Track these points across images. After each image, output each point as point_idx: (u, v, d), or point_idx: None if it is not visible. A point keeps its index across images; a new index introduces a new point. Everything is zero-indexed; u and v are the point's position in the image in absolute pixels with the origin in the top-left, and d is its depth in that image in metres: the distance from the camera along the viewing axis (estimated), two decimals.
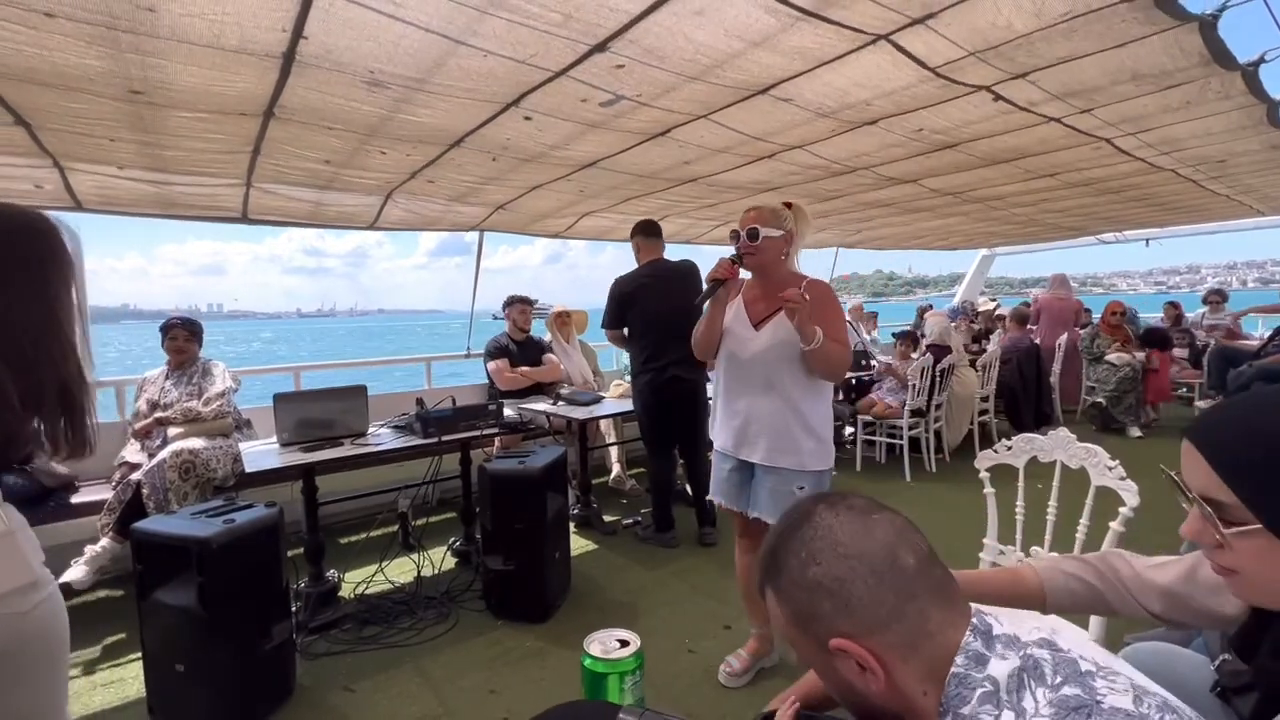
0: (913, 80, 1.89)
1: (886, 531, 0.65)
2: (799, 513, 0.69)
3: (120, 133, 2.18)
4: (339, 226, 3.78)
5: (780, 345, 1.91)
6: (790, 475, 1.94)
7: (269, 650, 2.08)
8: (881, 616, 0.61)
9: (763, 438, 1.97)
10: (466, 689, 2.20)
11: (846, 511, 0.67)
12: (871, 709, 0.65)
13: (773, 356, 1.93)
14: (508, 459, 2.77)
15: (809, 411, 1.95)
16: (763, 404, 1.96)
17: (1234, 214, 5.84)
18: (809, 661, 0.69)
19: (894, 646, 0.62)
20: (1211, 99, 2.20)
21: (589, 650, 0.60)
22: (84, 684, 2.29)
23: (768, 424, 1.96)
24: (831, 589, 0.63)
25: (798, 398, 1.93)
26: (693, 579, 3.02)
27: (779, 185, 3.48)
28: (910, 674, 0.62)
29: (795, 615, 0.66)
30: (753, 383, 1.98)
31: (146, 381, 3.21)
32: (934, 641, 0.62)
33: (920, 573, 0.64)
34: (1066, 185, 3.76)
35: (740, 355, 2.00)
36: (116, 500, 2.75)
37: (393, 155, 2.56)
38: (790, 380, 1.93)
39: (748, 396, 2.00)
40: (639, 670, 0.58)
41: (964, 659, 0.60)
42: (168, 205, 3.14)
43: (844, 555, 0.63)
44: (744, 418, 2.00)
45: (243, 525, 2.04)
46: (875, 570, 0.62)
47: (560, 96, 1.95)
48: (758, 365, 1.96)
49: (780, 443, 1.94)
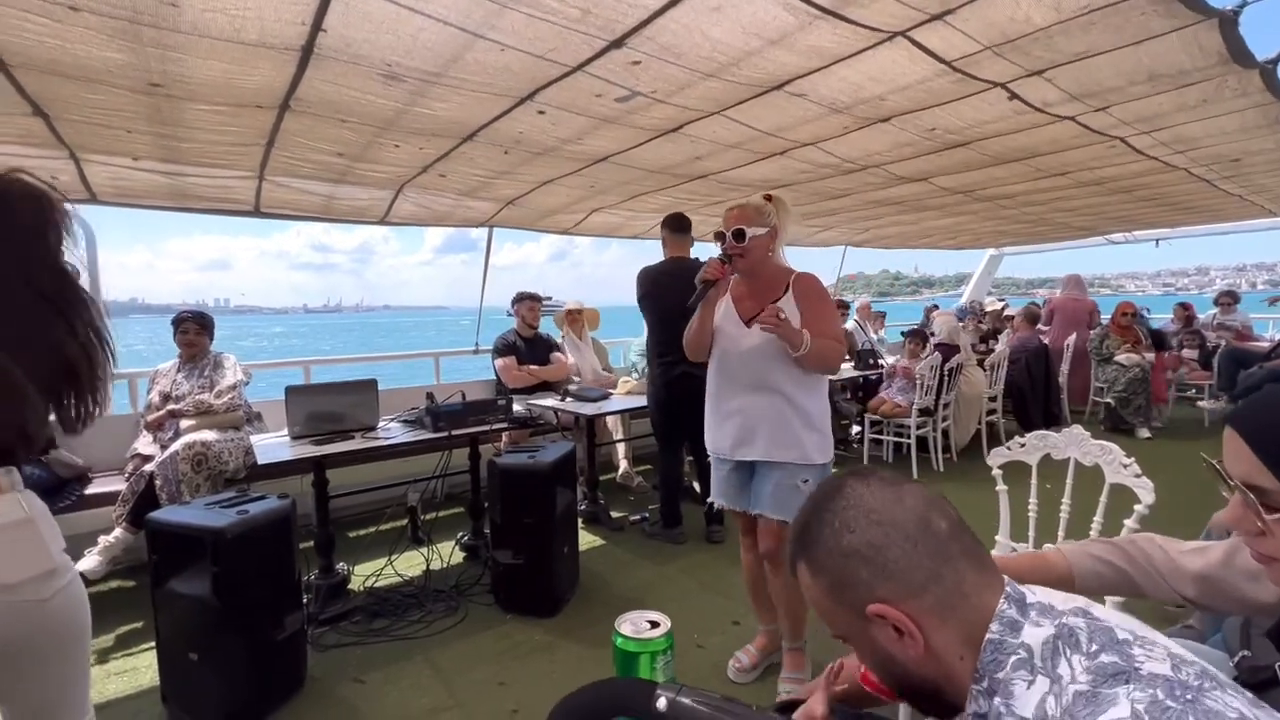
0: (928, 75, 1.89)
1: (917, 499, 0.66)
2: (829, 486, 0.70)
3: (137, 124, 2.19)
4: (350, 221, 3.80)
5: (773, 341, 1.89)
6: (794, 470, 1.93)
7: (281, 641, 2.09)
8: (919, 580, 0.62)
9: (761, 435, 1.95)
10: (476, 681, 2.21)
11: (877, 482, 0.68)
12: (909, 678, 0.66)
13: (768, 352, 1.91)
14: (517, 453, 2.78)
15: (806, 405, 1.94)
16: (759, 401, 1.95)
17: (1246, 214, 5.81)
18: (845, 634, 0.69)
19: (931, 610, 0.62)
20: (1228, 97, 2.19)
21: (620, 630, 0.61)
22: (98, 672, 2.31)
23: (765, 421, 1.94)
24: (867, 555, 0.63)
25: (794, 392, 1.92)
26: (700, 575, 3.02)
27: (789, 183, 3.47)
28: (947, 638, 0.62)
29: (831, 585, 0.66)
30: (747, 380, 1.97)
31: (158, 374, 3.23)
32: (969, 604, 0.62)
33: (953, 536, 0.64)
34: (1078, 184, 3.75)
35: (733, 353, 1.99)
36: (130, 491, 2.77)
37: (406, 149, 2.57)
38: (785, 375, 1.92)
39: (742, 395, 1.98)
40: (670, 651, 0.58)
41: (999, 625, 0.61)
42: (180, 197, 3.16)
43: (878, 522, 0.64)
44: (739, 417, 1.98)
45: (256, 516, 2.05)
46: (909, 535, 0.63)
47: (575, 91, 1.95)
48: (752, 362, 1.95)
49: (780, 438, 1.93)
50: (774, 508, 1.95)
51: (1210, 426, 5.88)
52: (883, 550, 0.63)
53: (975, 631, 0.62)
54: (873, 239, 6.52)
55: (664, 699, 0.47)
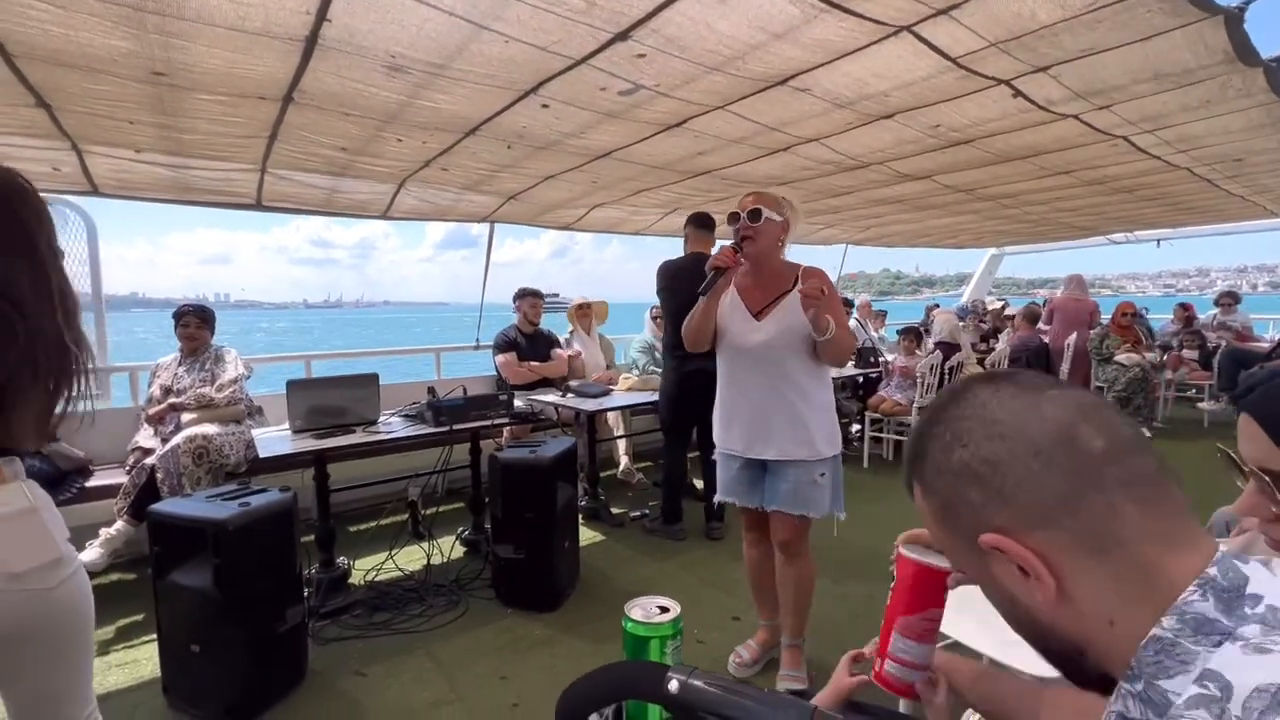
0: (933, 71, 1.89)
1: (1063, 408, 0.51)
2: (949, 392, 0.58)
3: (140, 115, 2.19)
4: (351, 215, 3.79)
5: (786, 333, 1.89)
6: (809, 465, 1.92)
7: (283, 633, 2.10)
8: (1048, 507, 0.48)
9: (777, 432, 1.93)
10: (477, 675, 2.22)
11: (1010, 386, 0.54)
12: (1041, 632, 0.53)
13: (780, 345, 1.89)
14: (519, 448, 2.78)
15: (817, 399, 1.94)
16: (771, 397, 1.93)
17: (1248, 215, 5.80)
18: (963, 568, 0.59)
19: (1067, 549, 0.48)
20: (1232, 96, 2.19)
21: (630, 615, 0.61)
22: (99, 664, 2.31)
23: (779, 417, 1.92)
24: (980, 473, 0.51)
25: (807, 385, 1.92)
26: (700, 572, 3.03)
27: (792, 180, 3.47)
28: (1092, 590, 0.48)
29: (940, 509, 0.55)
30: (760, 374, 1.94)
31: (160, 368, 3.23)
32: (1129, 555, 0.47)
33: (1112, 458, 0.48)
34: (1081, 183, 3.75)
35: (744, 346, 1.95)
36: (131, 484, 2.77)
37: (409, 142, 2.56)
38: (799, 368, 1.91)
39: (756, 390, 1.95)
40: (679, 636, 0.58)
41: (1177, 621, 0.44)
42: (183, 190, 3.16)
43: (999, 434, 0.51)
44: (753, 413, 1.96)
45: (258, 509, 2.05)
46: (1040, 451, 0.49)
47: (579, 85, 1.95)
48: (765, 356, 1.92)
49: (796, 434, 1.91)
50: (792, 504, 1.94)
51: (1210, 427, 5.89)
52: (1000, 468, 0.50)
53: (1140, 595, 0.47)
54: (874, 237, 6.52)
55: (676, 681, 0.47)
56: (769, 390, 1.93)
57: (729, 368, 2.03)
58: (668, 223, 4.82)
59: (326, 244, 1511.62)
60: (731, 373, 2.01)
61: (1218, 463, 0.85)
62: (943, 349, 4.73)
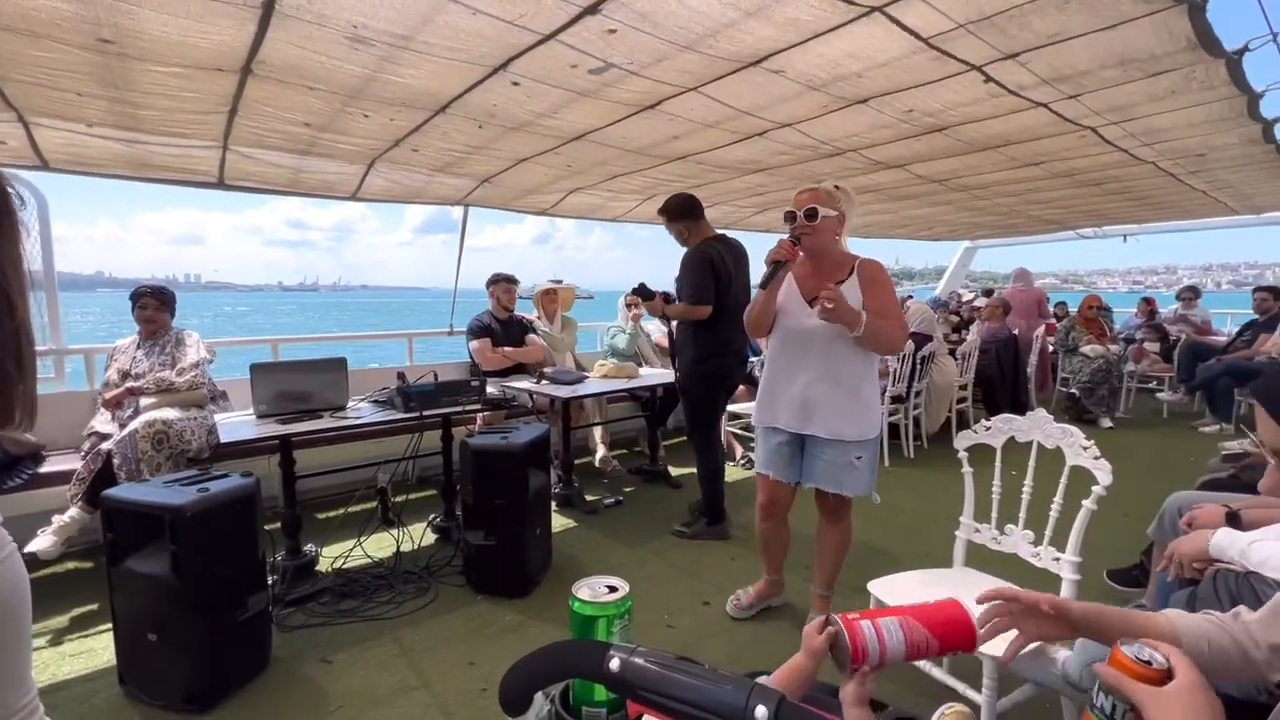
0: (905, 52, 1.88)
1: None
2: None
3: (89, 86, 2.09)
4: (319, 195, 3.69)
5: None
6: (849, 446, 2.05)
7: (244, 620, 2.05)
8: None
9: (823, 412, 2.05)
10: (445, 661, 2.20)
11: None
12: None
13: (832, 332, 1.99)
14: (490, 434, 2.75)
15: (864, 383, 2.06)
16: (823, 379, 2.05)
17: (1210, 211, 5.96)
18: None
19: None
20: (1195, 88, 2.23)
21: (577, 594, 0.60)
22: (52, 654, 2.24)
23: (829, 398, 2.04)
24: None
25: (854, 370, 2.04)
26: (672, 557, 3.03)
27: (768, 166, 3.46)
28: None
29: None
30: (811, 358, 2.06)
31: (117, 350, 3.12)
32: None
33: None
34: (1050, 175, 3.80)
35: (797, 330, 2.08)
36: (86, 470, 2.68)
37: (376, 119, 2.49)
38: (849, 353, 2.02)
39: (807, 372, 2.07)
40: (627, 616, 0.57)
41: None
42: (140, 167, 3.03)
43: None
44: (803, 394, 2.07)
45: (217, 494, 2.00)
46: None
47: (550, 62, 1.91)
48: (817, 341, 2.04)
49: (842, 415, 2.03)
50: (828, 483, 2.09)
51: (1169, 417, 6.07)
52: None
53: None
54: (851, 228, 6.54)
55: (617, 659, 0.45)
56: (818, 373, 2.05)
57: (782, 349, 2.15)
58: (646, 209, 4.78)
59: (302, 225, 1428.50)
60: (784, 354, 2.13)
61: (1174, 449, 0.87)
62: (914, 340, 4.79)
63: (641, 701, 0.44)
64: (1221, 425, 5.29)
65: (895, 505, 3.72)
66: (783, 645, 2.23)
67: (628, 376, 4.01)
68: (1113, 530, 2.98)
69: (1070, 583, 1.60)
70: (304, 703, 1.99)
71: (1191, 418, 5.86)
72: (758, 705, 0.40)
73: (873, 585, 1.79)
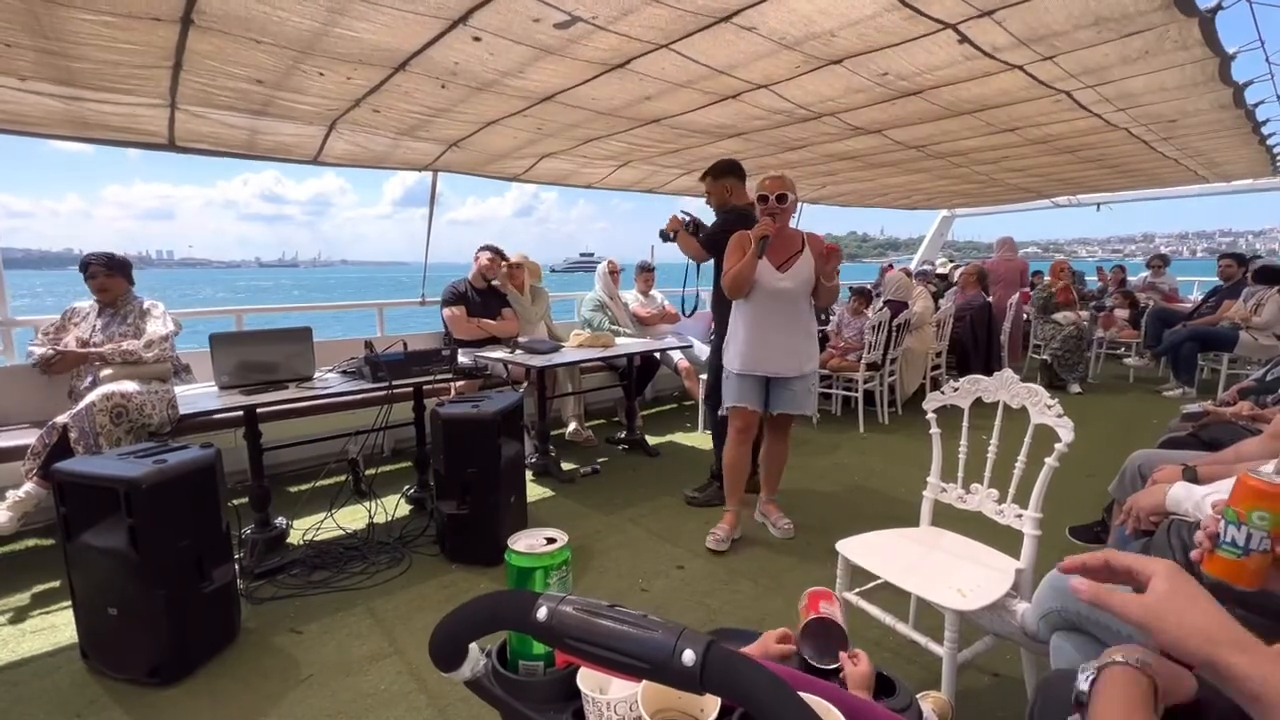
0: (879, 9, 1.83)
1: None
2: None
3: (16, 36, 1.95)
4: (278, 159, 3.54)
5: (803, 282, 2.55)
6: (806, 378, 2.63)
7: (209, 593, 2.01)
8: None
9: (792, 354, 2.59)
10: (418, 629, 2.19)
11: None
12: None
13: (799, 292, 2.55)
14: (461, 404, 2.71)
15: (813, 326, 2.67)
16: (792, 330, 2.58)
17: (1182, 179, 6.03)
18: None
19: None
20: (1169, 49, 2.21)
21: (514, 547, 0.58)
22: (12, 631, 2.20)
23: (797, 344, 2.59)
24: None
25: (809, 320, 2.64)
26: (648, 524, 3.05)
27: (744, 130, 3.40)
28: None
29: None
30: (783, 313, 2.56)
31: (75, 313, 2.99)
32: None
33: None
34: (1026, 142, 3.79)
35: (771, 290, 2.54)
36: (40, 444, 2.58)
37: (331, 78, 2.38)
38: (807, 308, 2.62)
39: (780, 326, 2.57)
40: (565, 566, 0.55)
41: None
42: (81, 126, 2.87)
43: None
44: (778, 343, 2.58)
45: (175, 466, 1.94)
46: None
47: (511, 14, 1.82)
48: (787, 299, 2.55)
49: (803, 355, 2.61)
50: (794, 406, 2.64)
51: (1135, 382, 6.23)
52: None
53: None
54: (830, 195, 6.52)
55: (544, 608, 0.44)
56: (791, 325, 2.58)
57: (757, 309, 2.59)
58: (620, 176, 4.69)
59: (279, 199, 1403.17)
60: (760, 313, 2.59)
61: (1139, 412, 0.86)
62: (891, 307, 4.82)
63: (569, 651, 0.43)
64: (1185, 389, 5.44)
65: (868, 469, 3.78)
66: (754, 609, 2.27)
67: (603, 346, 3.97)
68: (1078, 490, 3.05)
69: (1031, 538, 1.64)
70: (273, 672, 1.98)
71: (1157, 383, 6.02)
72: (685, 649, 0.39)
73: (841, 545, 1.81)
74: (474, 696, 0.53)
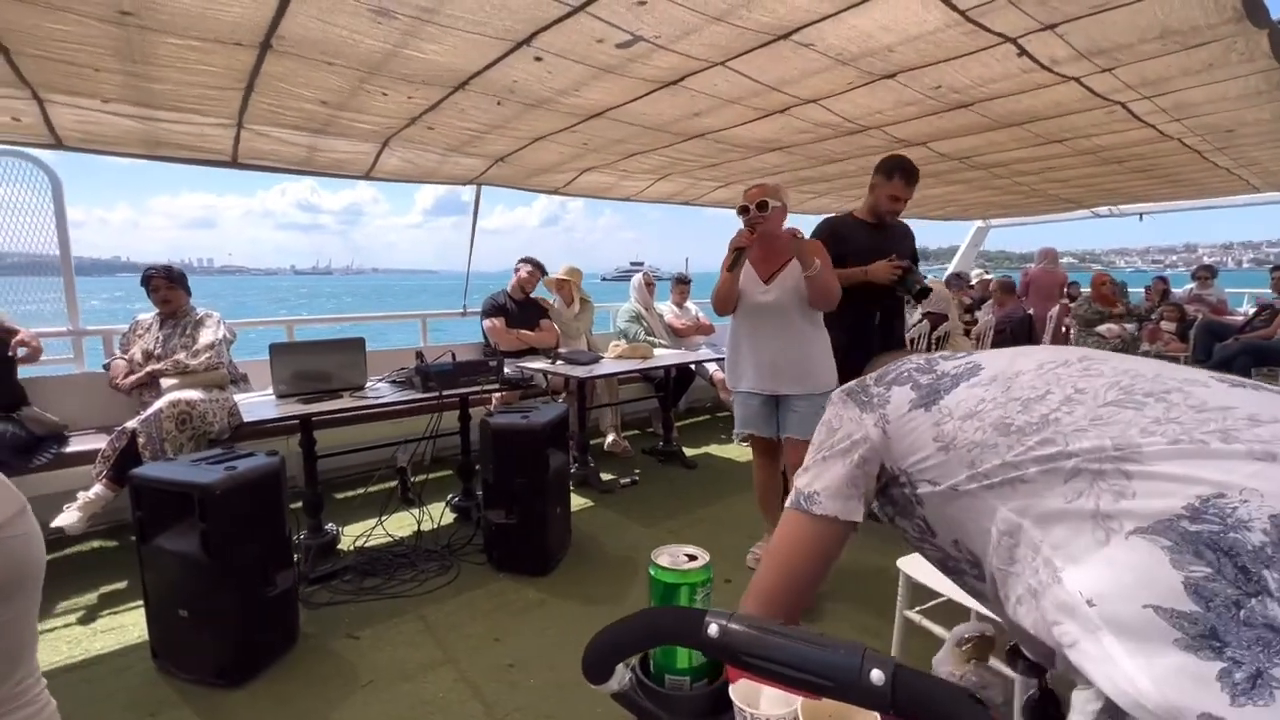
0: (940, 25, 1.83)
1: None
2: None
3: (106, 61, 2.06)
4: (332, 175, 3.66)
5: (790, 292, 2.35)
6: (816, 399, 2.35)
7: (273, 597, 2.07)
8: None
9: (790, 372, 2.38)
10: (470, 637, 2.22)
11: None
12: None
13: (786, 303, 2.36)
14: (511, 414, 2.75)
15: (817, 343, 2.40)
16: (784, 344, 2.38)
17: (1230, 189, 5.86)
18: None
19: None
20: (1235, 60, 2.17)
21: (658, 561, 0.59)
22: (84, 631, 2.28)
23: (793, 360, 2.37)
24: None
25: (808, 334, 2.39)
26: (689, 536, 3.05)
27: (786, 144, 3.41)
28: None
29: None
30: (772, 327, 2.39)
31: (139, 325, 3.12)
32: None
33: None
34: (1074, 153, 3.73)
35: (758, 305, 2.41)
36: (111, 448, 2.69)
37: (394, 97, 2.45)
38: (801, 320, 2.37)
39: (771, 341, 2.40)
40: (709, 584, 0.56)
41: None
42: (154, 145, 3.00)
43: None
44: (771, 358, 2.40)
45: (245, 472, 2.01)
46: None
47: (576, 35, 1.87)
48: (774, 312, 2.38)
49: (806, 372, 2.37)
50: (800, 431, 2.37)
51: None
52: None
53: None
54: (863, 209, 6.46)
55: (715, 625, 0.45)
56: (778, 338, 2.39)
57: (747, 322, 2.47)
58: (658, 189, 4.73)
59: (314, 209, 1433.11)
60: (749, 326, 2.46)
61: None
62: (931, 319, 4.76)
63: (743, 666, 0.44)
64: None
65: None
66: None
67: (642, 357, 4.00)
68: None
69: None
70: (333, 676, 2.02)
71: None
72: (871, 669, 0.40)
73: (903, 562, 1.79)
74: (532, 706, 0.54)
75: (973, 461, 0.66)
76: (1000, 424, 0.65)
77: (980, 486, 0.65)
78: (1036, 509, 0.59)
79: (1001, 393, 0.68)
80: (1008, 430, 0.64)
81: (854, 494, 0.77)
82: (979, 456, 0.65)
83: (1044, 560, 0.57)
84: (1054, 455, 0.59)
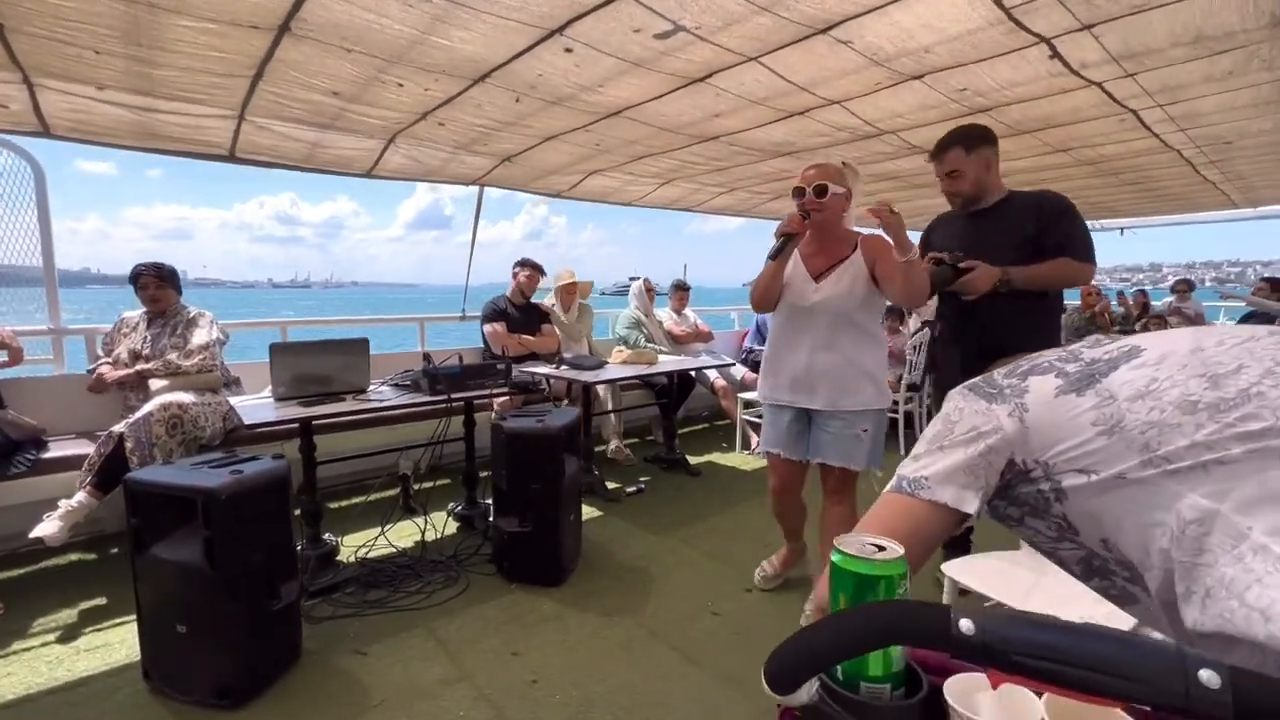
0: (982, 23, 1.82)
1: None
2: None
3: (109, 43, 1.95)
4: (333, 172, 3.54)
5: (841, 296, 2.02)
6: (852, 418, 2.03)
7: (277, 611, 1.94)
8: None
9: (824, 384, 2.05)
10: (486, 652, 2.11)
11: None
12: None
13: (834, 306, 2.03)
14: (524, 417, 2.65)
15: (866, 357, 2.04)
16: (824, 352, 2.05)
17: (1214, 204, 6.03)
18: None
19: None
20: (1255, 69, 2.20)
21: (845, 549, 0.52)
22: (66, 650, 2.11)
23: (830, 371, 2.04)
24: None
25: (857, 344, 2.04)
26: (702, 545, 2.97)
27: (799, 149, 3.40)
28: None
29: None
30: (814, 332, 2.06)
31: (125, 323, 2.96)
32: None
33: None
34: (1076, 163, 3.79)
35: (801, 306, 2.08)
36: (97, 453, 2.53)
37: (409, 89, 2.37)
38: (850, 328, 2.04)
39: (809, 346, 2.07)
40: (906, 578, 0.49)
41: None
42: (147, 136, 2.86)
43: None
44: (805, 366, 2.07)
45: (251, 477, 1.89)
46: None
47: (613, 23, 1.81)
48: (820, 315, 2.05)
49: (844, 387, 2.03)
50: (836, 456, 2.07)
51: None
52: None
53: None
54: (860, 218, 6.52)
55: (966, 622, 0.38)
56: (821, 346, 2.05)
57: (786, 323, 2.15)
58: (661, 194, 4.69)
59: (293, 221, 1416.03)
60: (788, 328, 2.13)
61: None
62: (930, 327, 4.77)
63: (1014, 669, 0.37)
64: None
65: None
66: None
67: (647, 363, 3.93)
68: None
69: None
70: (343, 696, 1.89)
71: None
72: (1200, 669, 0.33)
73: (947, 567, 1.74)
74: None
75: (1147, 444, 0.60)
76: (1183, 402, 0.60)
77: (1160, 473, 0.59)
78: (1240, 493, 0.53)
79: (1178, 370, 0.63)
80: (1194, 408, 0.58)
81: (971, 484, 0.71)
82: (1157, 438, 0.59)
83: (1253, 547, 0.51)
84: (1263, 431, 0.54)
